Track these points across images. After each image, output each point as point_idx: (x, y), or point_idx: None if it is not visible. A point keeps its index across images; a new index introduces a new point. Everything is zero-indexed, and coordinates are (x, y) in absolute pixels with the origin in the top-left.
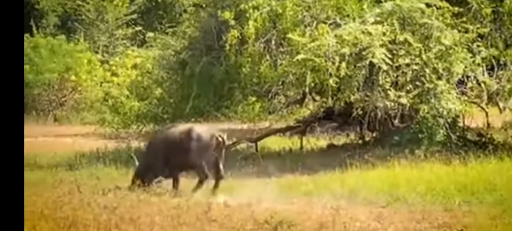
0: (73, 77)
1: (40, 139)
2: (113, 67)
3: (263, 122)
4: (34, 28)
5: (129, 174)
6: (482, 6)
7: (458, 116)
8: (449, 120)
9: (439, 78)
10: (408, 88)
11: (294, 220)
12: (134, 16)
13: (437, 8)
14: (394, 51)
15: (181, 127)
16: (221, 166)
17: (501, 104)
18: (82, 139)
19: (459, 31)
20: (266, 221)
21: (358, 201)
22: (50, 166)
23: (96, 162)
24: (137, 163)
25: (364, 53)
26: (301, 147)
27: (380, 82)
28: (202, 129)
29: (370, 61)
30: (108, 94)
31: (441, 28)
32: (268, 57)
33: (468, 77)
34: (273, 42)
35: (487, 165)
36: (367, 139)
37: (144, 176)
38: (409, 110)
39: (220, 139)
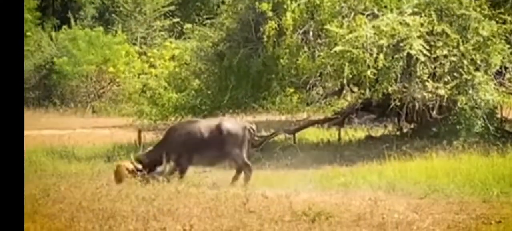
0: (111, 69)
1: (78, 130)
2: (151, 59)
3: (301, 113)
4: (72, 20)
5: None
6: None
7: (496, 107)
8: (487, 111)
9: (477, 69)
10: (446, 79)
11: (332, 211)
12: (172, 7)
13: None
14: (432, 43)
15: (207, 122)
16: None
17: None
18: (120, 130)
19: (497, 22)
20: (304, 212)
21: (396, 192)
22: (88, 157)
23: (134, 153)
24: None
25: (402, 44)
26: (339, 139)
27: (418, 73)
28: (232, 122)
29: (408, 53)
30: (146, 86)
31: (479, 19)
32: (306, 48)
33: (505, 68)
34: (311, 33)
35: None
36: (405, 130)
37: (150, 165)
38: (447, 102)
39: (251, 130)
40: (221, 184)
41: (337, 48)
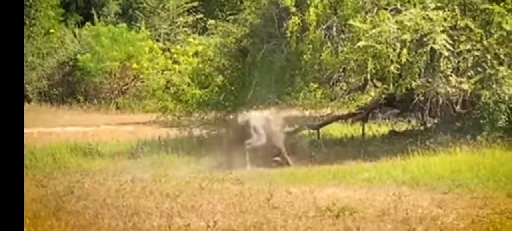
0: (134, 66)
1: (102, 127)
2: (175, 55)
3: (325, 109)
4: (95, 17)
5: (191, 161)
6: None
7: None
8: (511, 106)
9: (500, 64)
10: (469, 74)
11: (356, 207)
12: (195, 3)
13: None
14: (455, 37)
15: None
16: None
17: None
18: (144, 127)
19: None
20: (328, 208)
21: (420, 187)
22: (112, 154)
23: (158, 150)
24: None
25: (425, 39)
26: (363, 134)
27: (442, 68)
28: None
29: (431, 47)
30: (170, 82)
31: (502, 13)
32: (329, 44)
33: None
34: (334, 29)
35: None
36: (428, 125)
37: None
38: (471, 96)
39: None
40: (244, 180)
41: (361, 44)
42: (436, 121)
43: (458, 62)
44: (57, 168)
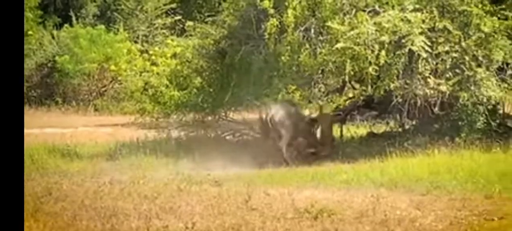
0: (113, 67)
1: (81, 128)
2: (153, 57)
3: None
4: (73, 19)
5: (169, 163)
6: None
7: (498, 103)
8: (489, 107)
9: (478, 65)
10: (447, 75)
11: (334, 208)
12: (173, 5)
13: None
14: (434, 39)
15: None
16: None
17: None
18: (122, 128)
19: (499, 18)
20: (307, 209)
21: (398, 189)
22: (90, 156)
23: (136, 151)
24: None
25: (403, 41)
26: (341, 136)
27: (420, 70)
28: None
29: (410, 49)
30: (148, 83)
31: (480, 15)
32: (307, 45)
33: (507, 64)
34: (312, 30)
35: None
36: (406, 126)
37: None
38: (449, 98)
39: None
40: (222, 181)
41: (339, 45)
42: (414, 122)
43: (437, 64)
44: (35, 169)
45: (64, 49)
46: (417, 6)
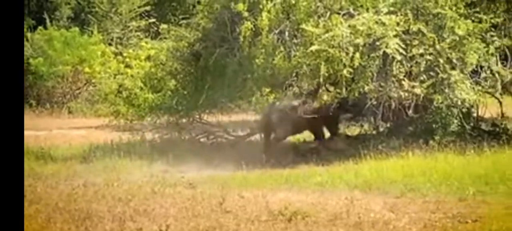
0: (87, 70)
1: (55, 131)
2: (127, 59)
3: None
4: (47, 21)
5: (144, 166)
6: None
7: (472, 106)
8: (463, 110)
9: (453, 68)
10: (422, 78)
11: (309, 211)
12: (148, 8)
13: None
14: (408, 41)
15: None
16: None
17: None
18: (96, 131)
19: (473, 21)
20: (281, 212)
21: (373, 191)
22: (64, 158)
23: (110, 154)
24: None
25: (378, 43)
26: (315, 138)
27: (394, 72)
28: None
29: (384, 52)
30: (122, 86)
31: (455, 18)
32: (282, 48)
33: (481, 67)
34: (286, 33)
35: (501, 155)
36: (381, 129)
37: None
38: (423, 101)
39: None
40: (197, 183)
41: (313, 48)
42: (388, 125)
43: (411, 66)
44: None
45: (38, 52)
46: (391, 9)
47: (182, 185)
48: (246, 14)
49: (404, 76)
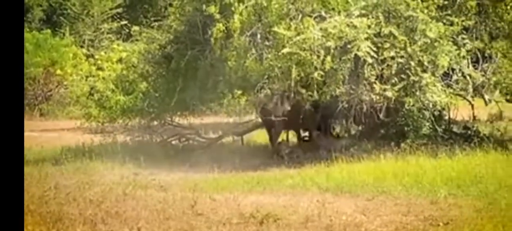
0: (58, 72)
1: (26, 133)
2: (99, 62)
3: (249, 116)
4: None
5: (115, 168)
6: None
7: (443, 109)
8: (434, 113)
9: (424, 71)
10: (393, 81)
11: (280, 213)
12: (120, 10)
13: (422, 1)
14: (379, 44)
15: None
16: None
17: (486, 97)
18: (68, 133)
19: (444, 24)
20: (252, 215)
21: (344, 194)
22: (36, 160)
23: (82, 156)
24: None
25: (349, 46)
26: (287, 140)
27: (366, 75)
28: None
29: (356, 55)
30: (94, 88)
31: (426, 21)
32: (253, 51)
33: (453, 70)
34: (258, 35)
35: (473, 158)
36: (352, 132)
37: None
38: (395, 104)
39: None
40: (168, 186)
41: (285, 51)
42: (360, 128)
43: (382, 69)
44: None
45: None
46: (363, 11)
47: (153, 187)
48: (217, 16)
49: (376, 79)
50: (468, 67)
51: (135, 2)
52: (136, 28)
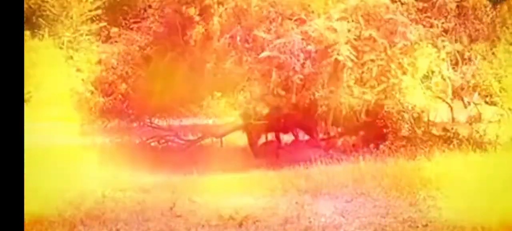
0: (37, 73)
1: None
2: (78, 63)
3: (228, 118)
4: None
5: (94, 170)
6: (447, 1)
7: (423, 111)
8: (414, 115)
9: (404, 73)
10: (372, 84)
11: (259, 215)
12: (99, 11)
13: (402, 4)
14: (359, 48)
15: None
16: None
17: (465, 99)
18: (47, 134)
19: (424, 26)
20: (231, 216)
21: (323, 196)
22: None
23: (61, 157)
24: None
25: (329, 50)
26: (266, 142)
27: (345, 79)
28: None
29: (335, 58)
30: (73, 90)
31: (406, 23)
32: (233, 53)
33: (433, 72)
34: (238, 38)
35: (452, 159)
36: (332, 134)
37: None
38: (374, 106)
39: None
40: (148, 188)
41: (265, 54)
42: (339, 130)
43: (362, 72)
44: None
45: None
46: (343, 14)
47: (132, 189)
48: (197, 18)
49: (355, 82)
50: (447, 69)
51: (114, 3)
52: (115, 29)
